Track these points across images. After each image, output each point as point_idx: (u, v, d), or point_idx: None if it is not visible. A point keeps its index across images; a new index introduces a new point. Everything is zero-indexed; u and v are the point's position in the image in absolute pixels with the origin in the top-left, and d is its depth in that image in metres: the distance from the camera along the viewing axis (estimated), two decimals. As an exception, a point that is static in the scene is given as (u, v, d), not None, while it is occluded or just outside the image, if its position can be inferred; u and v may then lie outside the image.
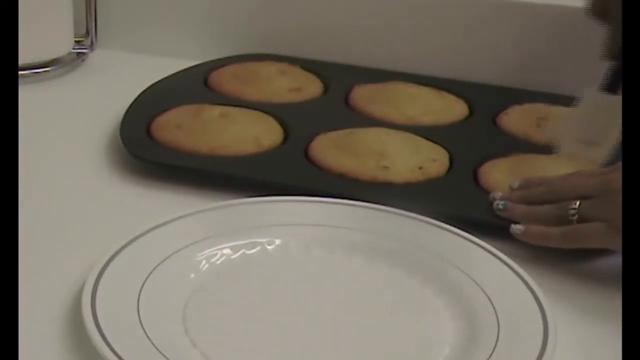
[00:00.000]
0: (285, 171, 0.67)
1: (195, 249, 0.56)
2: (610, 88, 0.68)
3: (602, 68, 0.83)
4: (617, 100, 0.65)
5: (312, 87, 0.84)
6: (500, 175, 0.66)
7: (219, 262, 0.56)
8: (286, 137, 0.72)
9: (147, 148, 0.69)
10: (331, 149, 0.69)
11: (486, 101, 0.82)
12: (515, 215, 0.60)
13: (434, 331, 0.51)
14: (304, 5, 0.91)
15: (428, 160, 0.68)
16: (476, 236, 0.58)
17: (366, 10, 0.89)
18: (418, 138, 0.72)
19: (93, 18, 0.91)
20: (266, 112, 0.76)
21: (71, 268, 0.54)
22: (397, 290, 0.55)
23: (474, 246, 0.57)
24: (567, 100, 0.82)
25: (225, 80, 0.83)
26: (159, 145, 0.70)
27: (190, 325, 0.50)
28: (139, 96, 0.78)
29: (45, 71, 0.86)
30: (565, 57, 0.86)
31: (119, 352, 0.45)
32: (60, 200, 0.64)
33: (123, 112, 0.74)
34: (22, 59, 0.82)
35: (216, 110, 0.74)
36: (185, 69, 0.86)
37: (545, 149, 0.72)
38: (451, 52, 0.89)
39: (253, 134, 0.71)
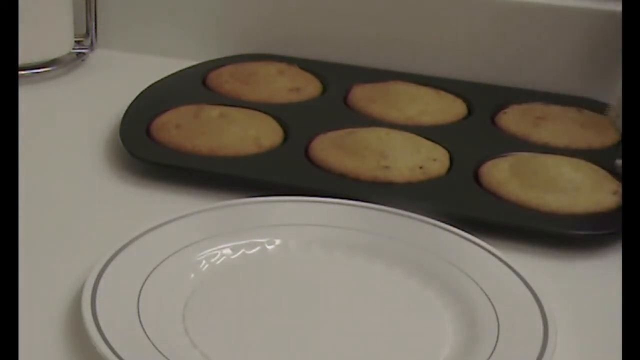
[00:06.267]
0: (285, 171, 0.67)
1: (195, 249, 0.56)
2: None
3: (600, 65, 0.84)
4: None
5: (311, 87, 0.84)
6: (501, 175, 0.66)
7: (219, 262, 0.56)
8: (286, 137, 0.72)
9: (146, 148, 0.69)
10: (331, 149, 0.69)
11: (485, 101, 0.82)
12: None
13: (434, 331, 0.51)
14: (302, 6, 0.91)
15: (429, 160, 0.68)
16: (476, 236, 0.58)
17: (364, 10, 0.89)
18: (418, 138, 0.72)
19: (93, 18, 0.91)
20: (266, 112, 0.76)
21: (71, 268, 0.54)
22: (397, 290, 0.55)
23: (474, 246, 0.57)
24: (565, 100, 0.83)
25: (224, 80, 0.83)
26: (159, 146, 0.70)
27: (190, 325, 0.50)
28: (138, 96, 0.78)
29: (45, 71, 0.86)
30: (564, 56, 0.86)
31: (119, 352, 0.45)
32: (60, 201, 0.64)
33: (123, 112, 0.74)
34: (22, 59, 0.82)
35: (216, 110, 0.74)
36: (184, 69, 0.86)
37: (545, 149, 0.72)
38: (449, 51, 0.89)
39: (253, 134, 0.71)
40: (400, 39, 0.89)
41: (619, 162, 0.65)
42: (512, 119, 0.78)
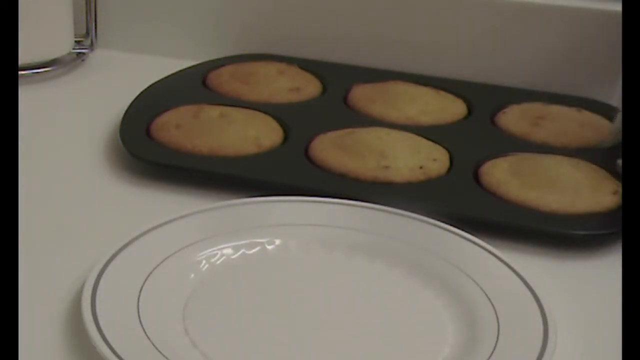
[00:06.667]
0: (285, 171, 0.67)
1: (195, 249, 0.56)
2: None
3: (600, 65, 0.84)
4: None
5: (310, 87, 0.84)
6: (501, 175, 0.66)
7: (219, 262, 0.56)
8: (286, 137, 0.72)
9: (146, 148, 0.69)
10: (331, 149, 0.69)
11: (484, 100, 0.82)
12: None
13: (434, 331, 0.51)
14: (302, 6, 0.91)
15: (429, 160, 0.68)
16: (476, 236, 0.58)
17: (364, 10, 0.89)
18: (418, 138, 0.72)
19: (93, 18, 0.91)
20: (266, 112, 0.76)
21: (71, 268, 0.54)
22: (397, 291, 0.55)
23: (474, 246, 0.57)
24: (564, 100, 0.83)
25: (224, 80, 0.83)
26: (159, 146, 0.70)
27: (190, 325, 0.50)
28: (138, 96, 0.78)
29: (45, 71, 0.86)
30: (564, 56, 0.86)
31: (119, 352, 0.45)
32: (59, 201, 0.64)
33: (123, 112, 0.74)
34: (22, 59, 0.82)
35: (216, 110, 0.74)
36: (184, 69, 0.86)
37: (544, 148, 0.72)
38: (449, 51, 0.89)
39: (253, 134, 0.71)
40: (400, 39, 0.89)
41: (620, 162, 0.66)
42: (512, 119, 0.78)
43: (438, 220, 0.59)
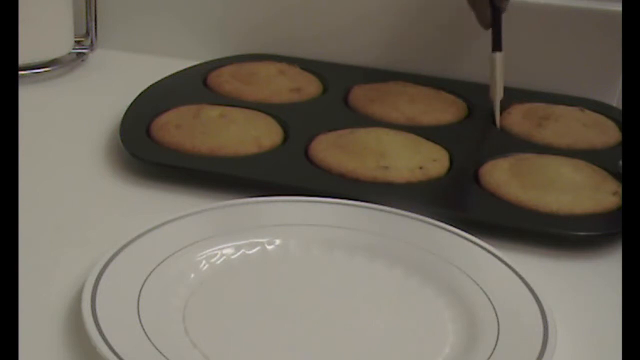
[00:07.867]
0: (285, 171, 0.67)
1: (195, 249, 0.56)
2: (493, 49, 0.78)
3: (600, 65, 0.84)
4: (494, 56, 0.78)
5: (311, 87, 0.84)
6: (501, 175, 0.66)
7: (219, 262, 0.56)
8: (286, 137, 0.72)
9: (147, 148, 0.69)
10: (331, 149, 0.69)
11: (485, 101, 0.82)
12: None
13: (434, 331, 0.51)
14: (302, 6, 0.91)
15: (428, 160, 0.68)
16: (476, 236, 0.58)
17: (365, 10, 0.89)
18: (418, 138, 0.72)
19: (93, 18, 0.91)
20: (266, 112, 0.76)
21: (71, 268, 0.54)
22: (397, 291, 0.55)
23: (474, 246, 0.57)
24: (567, 100, 0.83)
25: (224, 80, 0.83)
26: (159, 146, 0.70)
27: (190, 325, 0.50)
28: (138, 96, 0.78)
29: (45, 71, 0.86)
30: (565, 56, 0.86)
31: (119, 352, 0.45)
32: (60, 200, 0.64)
33: (123, 112, 0.74)
34: (22, 59, 0.82)
35: (216, 110, 0.74)
36: (185, 69, 0.86)
37: (547, 148, 0.72)
38: (449, 51, 0.89)
39: (253, 134, 0.71)
40: (401, 39, 0.89)
41: (621, 163, 0.66)
42: (514, 119, 0.78)
43: (438, 220, 0.59)
